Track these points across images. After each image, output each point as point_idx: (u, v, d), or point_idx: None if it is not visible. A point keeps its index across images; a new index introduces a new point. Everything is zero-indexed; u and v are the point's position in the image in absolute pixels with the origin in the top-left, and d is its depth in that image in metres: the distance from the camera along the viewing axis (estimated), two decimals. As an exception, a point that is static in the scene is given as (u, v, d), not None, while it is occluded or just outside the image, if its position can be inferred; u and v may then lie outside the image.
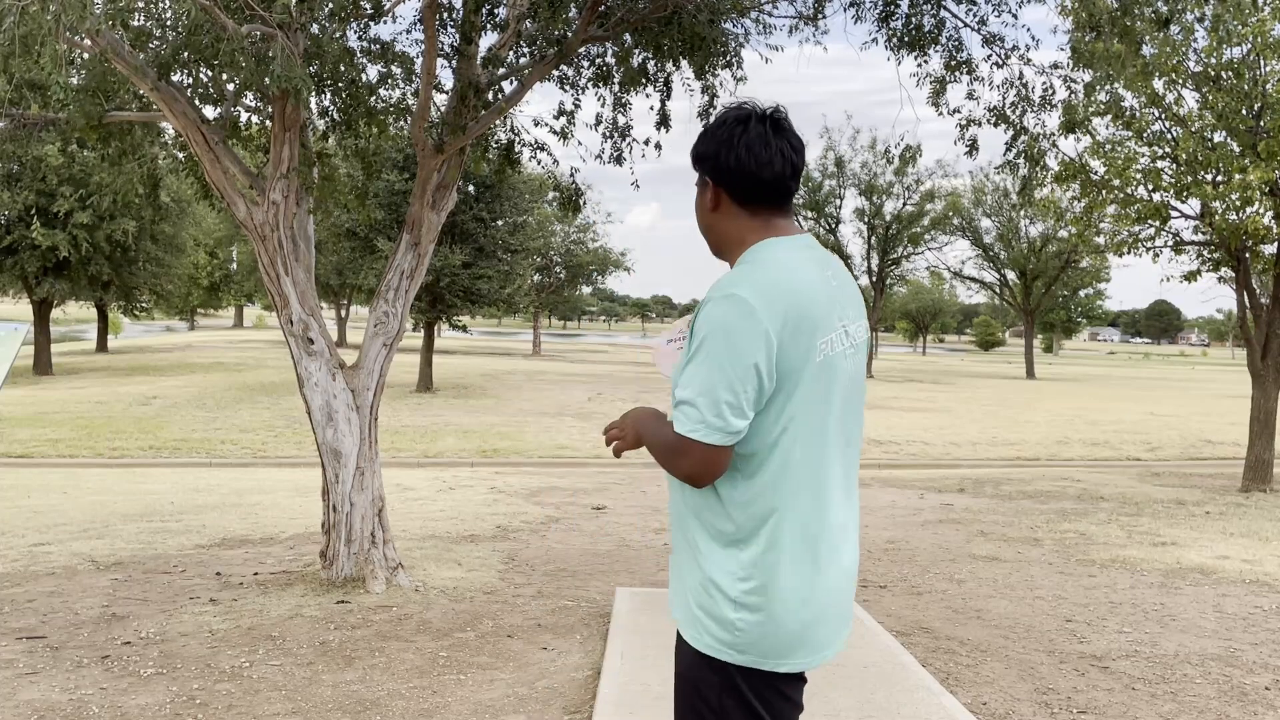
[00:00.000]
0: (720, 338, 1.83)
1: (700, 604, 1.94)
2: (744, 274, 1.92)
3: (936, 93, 6.51)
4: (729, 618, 1.90)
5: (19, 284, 27.06)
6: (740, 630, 1.89)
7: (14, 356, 5.13)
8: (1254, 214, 10.81)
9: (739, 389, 1.83)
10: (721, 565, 1.91)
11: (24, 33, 3.82)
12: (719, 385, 1.83)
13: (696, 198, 2.07)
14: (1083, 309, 63.44)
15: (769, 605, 1.90)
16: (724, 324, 1.84)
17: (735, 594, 1.90)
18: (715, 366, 1.83)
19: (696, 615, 1.95)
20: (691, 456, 1.86)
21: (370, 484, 5.84)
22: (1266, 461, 11.82)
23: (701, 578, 1.94)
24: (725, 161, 1.97)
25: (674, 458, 1.90)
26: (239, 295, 59.36)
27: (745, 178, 1.97)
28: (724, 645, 1.91)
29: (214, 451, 15.06)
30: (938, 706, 3.94)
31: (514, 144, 6.58)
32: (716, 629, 1.91)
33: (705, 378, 1.84)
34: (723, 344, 1.83)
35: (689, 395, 1.85)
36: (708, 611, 1.92)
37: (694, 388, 1.85)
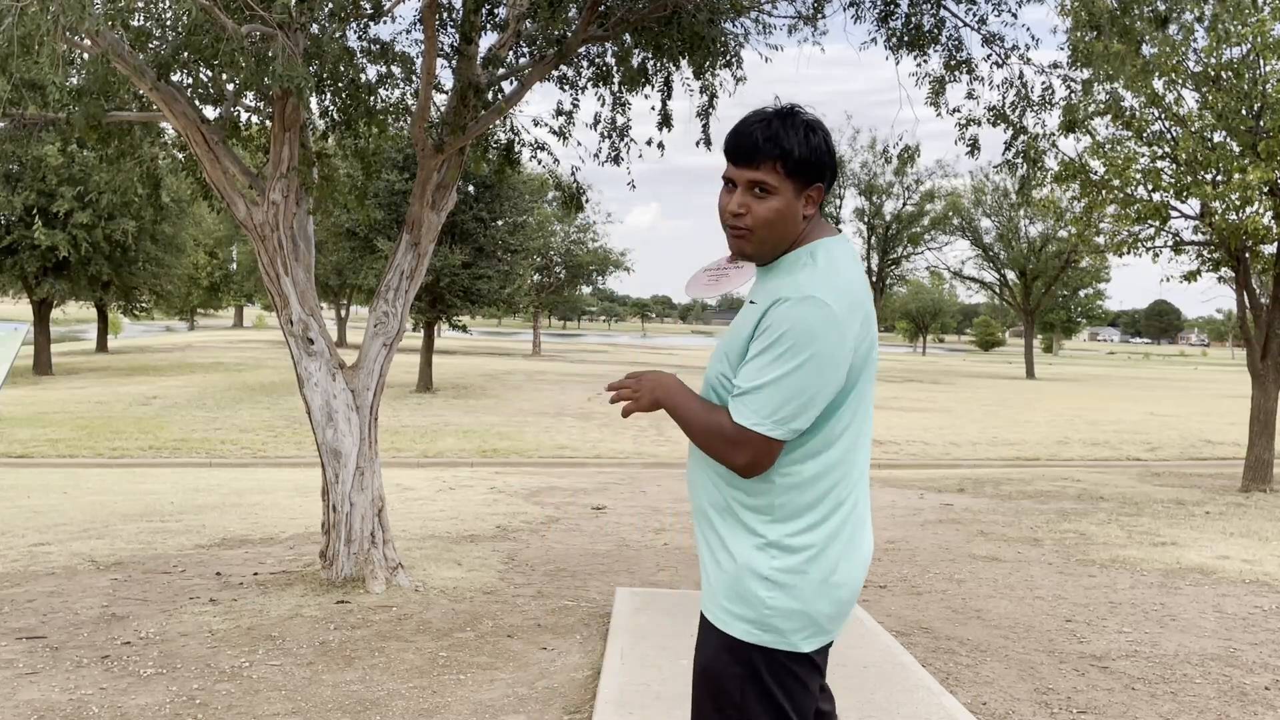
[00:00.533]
0: (802, 340, 1.88)
1: (736, 589, 1.97)
2: (819, 276, 1.95)
3: (936, 92, 6.51)
4: (764, 596, 1.95)
5: (19, 284, 27.07)
6: (772, 610, 1.94)
7: (14, 356, 5.13)
8: (1254, 214, 10.81)
9: (814, 391, 1.89)
10: (758, 546, 1.97)
11: (23, 33, 3.82)
12: (793, 385, 1.88)
13: (784, 202, 1.99)
14: (1083, 309, 63.46)
15: (803, 585, 1.95)
16: (807, 327, 1.88)
17: (771, 573, 1.95)
18: (793, 367, 1.87)
19: (730, 601, 1.98)
20: (750, 449, 1.91)
21: (370, 484, 5.84)
22: (1266, 461, 11.82)
23: (737, 562, 1.98)
24: (833, 162, 2.03)
25: (726, 446, 1.93)
26: (239, 295, 59.38)
27: (833, 175, 2.05)
28: (759, 630, 1.95)
29: (214, 451, 15.06)
30: (938, 706, 3.94)
31: (514, 144, 6.58)
32: (754, 612, 1.95)
33: (779, 375, 1.88)
34: (804, 347, 1.87)
35: (756, 386, 1.90)
36: (743, 596, 1.96)
37: (763, 381, 1.89)
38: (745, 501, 1.98)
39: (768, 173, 1.98)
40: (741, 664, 1.97)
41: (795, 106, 2.03)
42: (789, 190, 1.99)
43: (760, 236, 2.02)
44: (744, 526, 1.99)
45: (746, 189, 2.01)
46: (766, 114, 2.01)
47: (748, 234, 2.02)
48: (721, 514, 2.02)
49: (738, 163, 2.01)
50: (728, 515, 2.01)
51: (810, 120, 2.01)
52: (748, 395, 1.90)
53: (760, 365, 1.90)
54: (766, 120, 1.99)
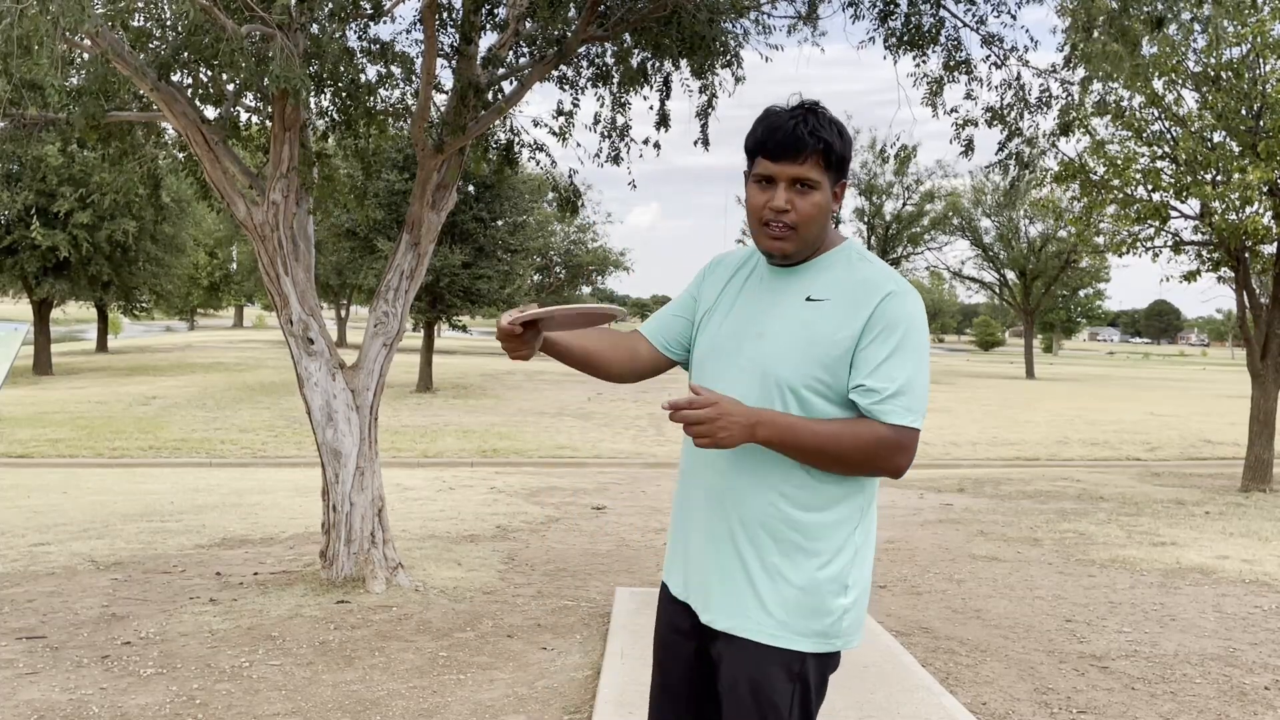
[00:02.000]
0: (922, 331, 1.94)
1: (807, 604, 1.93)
2: (894, 272, 2.00)
3: (933, 93, 6.50)
4: (843, 604, 1.94)
5: (19, 284, 27.06)
6: (848, 613, 1.95)
7: (14, 356, 5.13)
8: (1254, 214, 10.81)
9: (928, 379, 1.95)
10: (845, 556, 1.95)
11: (22, 33, 3.83)
12: (925, 375, 1.93)
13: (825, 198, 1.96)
14: (1082, 309, 63.40)
15: (866, 581, 2.01)
16: (920, 319, 1.95)
17: (850, 579, 1.95)
18: (922, 357, 1.93)
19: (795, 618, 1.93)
20: (914, 446, 1.92)
21: (370, 484, 5.84)
22: (1266, 461, 11.82)
23: (813, 576, 1.93)
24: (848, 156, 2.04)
25: (891, 453, 1.89)
26: (239, 295, 59.36)
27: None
28: (829, 638, 1.94)
29: (214, 451, 15.06)
30: (938, 706, 3.94)
31: (513, 144, 6.58)
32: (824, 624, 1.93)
33: (918, 370, 1.91)
34: (919, 337, 1.93)
35: (909, 385, 1.90)
36: (816, 610, 1.93)
37: (911, 378, 1.90)
38: (829, 515, 1.94)
39: (812, 167, 1.93)
40: (794, 679, 1.93)
41: (817, 103, 1.99)
42: (827, 186, 1.96)
43: (804, 235, 1.97)
44: (813, 539, 1.93)
45: (789, 185, 1.94)
46: (798, 109, 1.95)
47: (791, 233, 1.96)
48: (789, 529, 1.93)
49: (779, 158, 1.93)
50: (790, 531, 1.93)
51: (834, 117, 1.99)
52: (900, 395, 1.88)
53: (898, 363, 1.89)
54: (802, 115, 1.93)
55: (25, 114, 5.96)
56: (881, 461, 1.89)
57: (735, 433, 1.85)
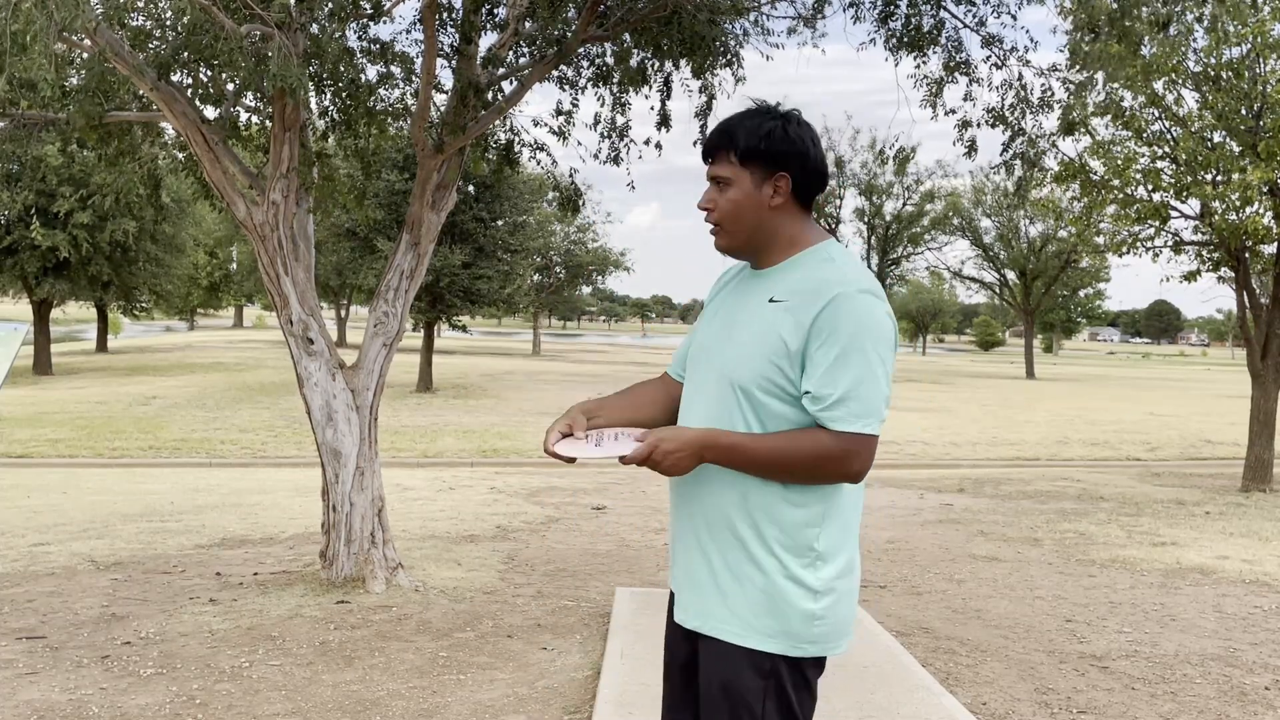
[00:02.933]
0: (875, 334, 1.87)
1: (769, 605, 1.92)
2: (859, 270, 1.96)
3: (933, 95, 6.50)
4: (810, 609, 1.91)
5: (19, 284, 27.06)
6: (819, 619, 1.92)
7: (14, 356, 5.13)
8: (1254, 214, 10.81)
9: (887, 381, 1.89)
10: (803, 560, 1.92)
11: (17, 30, 3.82)
12: (878, 378, 1.87)
13: (743, 192, 1.99)
14: (1082, 309, 63.42)
15: (844, 589, 1.96)
16: (874, 319, 1.88)
17: (816, 584, 1.92)
18: (876, 361, 1.87)
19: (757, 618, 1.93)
20: (867, 452, 1.88)
21: (370, 484, 5.84)
22: (1266, 461, 11.81)
23: (774, 578, 1.92)
24: (813, 159, 2.00)
25: (841, 460, 1.87)
26: (239, 295, 59.36)
27: (814, 174, 2.01)
28: (796, 641, 1.92)
29: (214, 451, 15.05)
30: (938, 706, 3.94)
31: (513, 144, 6.58)
32: (788, 626, 1.92)
33: (867, 373, 1.86)
34: (877, 340, 1.88)
35: (853, 391, 1.85)
36: (778, 611, 1.92)
37: (857, 383, 1.85)
38: (793, 515, 1.92)
39: (723, 165, 2.00)
40: (766, 677, 1.92)
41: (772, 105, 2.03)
42: (746, 180, 1.98)
43: (729, 230, 2.02)
44: (785, 540, 1.92)
45: (711, 184, 2.04)
46: (737, 112, 2.04)
47: (718, 229, 2.04)
48: (758, 529, 1.93)
49: (704, 161, 2.05)
50: (762, 529, 1.93)
51: (773, 110, 2.00)
52: (845, 402, 1.85)
53: (843, 368, 1.85)
54: (728, 117, 2.02)
55: (23, 113, 5.95)
56: (830, 470, 1.88)
57: (681, 461, 1.90)
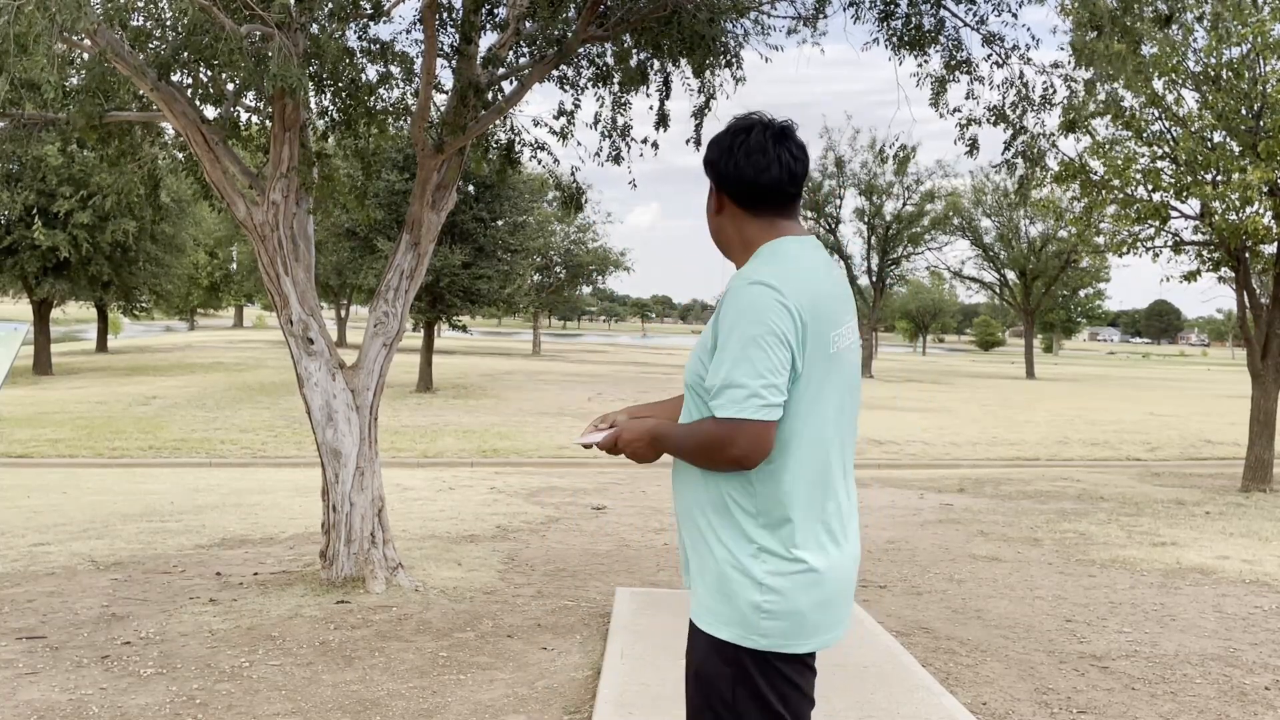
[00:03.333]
0: (752, 319, 1.91)
1: (722, 592, 1.98)
2: (763, 264, 2.02)
3: (937, 93, 6.50)
4: (755, 600, 1.95)
5: (19, 284, 27.06)
6: (765, 613, 1.95)
7: (14, 356, 5.13)
8: (1254, 214, 10.81)
9: (775, 366, 1.90)
10: (747, 550, 1.97)
11: (19, 31, 3.82)
12: (758, 363, 1.90)
13: (711, 208, 2.16)
14: (1082, 309, 63.42)
15: (792, 587, 1.96)
16: (754, 306, 1.92)
17: (761, 576, 1.95)
18: (751, 346, 1.90)
19: (716, 604, 1.99)
20: (744, 437, 1.90)
21: (370, 484, 5.84)
22: (1266, 461, 11.81)
23: (723, 567, 1.98)
24: (725, 167, 2.08)
25: (721, 446, 1.92)
26: (239, 295, 59.37)
27: (743, 183, 2.07)
28: (747, 631, 1.96)
29: (214, 451, 15.05)
30: (938, 706, 3.94)
31: (514, 144, 6.58)
32: (740, 614, 1.96)
33: (742, 358, 1.90)
34: (755, 326, 1.91)
35: (726, 377, 1.91)
36: (730, 599, 1.97)
37: (731, 370, 1.91)
38: (732, 510, 1.99)
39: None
40: (731, 665, 1.97)
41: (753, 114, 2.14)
42: (714, 198, 2.14)
43: (716, 243, 2.19)
44: (735, 529, 1.98)
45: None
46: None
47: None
48: (709, 518, 2.01)
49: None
50: (717, 518, 2.00)
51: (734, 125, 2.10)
52: (724, 389, 1.91)
53: (723, 356, 1.93)
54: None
55: (24, 113, 5.95)
56: (717, 455, 1.94)
57: (642, 449, 2.07)
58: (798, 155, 2.07)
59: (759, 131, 2.06)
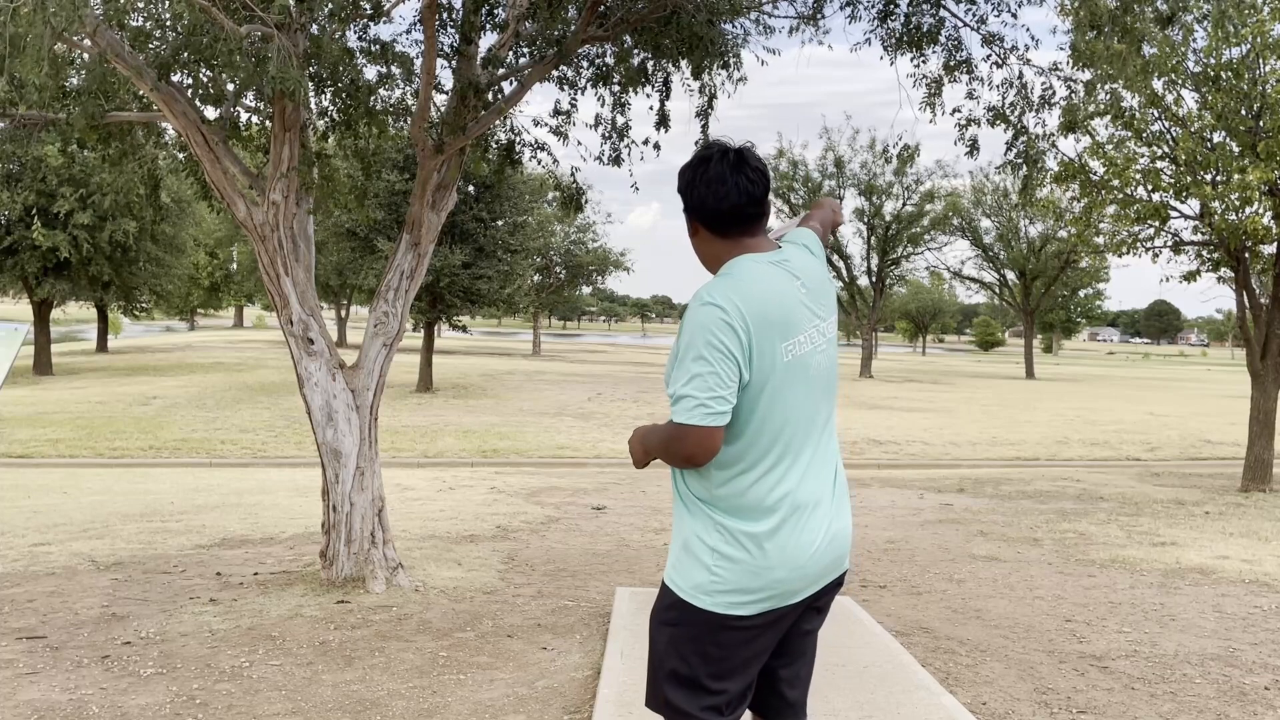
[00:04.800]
0: (700, 336, 2.15)
1: (683, 555, 2.28)
2: (717, 284, 2.23)
3: (931, 95, 6.50)
4: (707, 563, 2.23)
5: (19, 284, 27.04)
6: (715, 577, 2.22)
7: (14, 356, 5.14)
8: (1253, 214, 10.81)
9: (720, 379, 2.13)
10: (703, 525, 2.26)
11: (15, 33, 3.82)
12: (704, 375, 2.13)
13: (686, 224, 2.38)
14: (1082, 309, 63.44)
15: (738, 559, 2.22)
16: (702, 324, 2.16)
17: (715, 545, 2.23)
18: (698, 361, 2.14)
19: (675, 565, 2.30)
20: (689, 440, 2.16)
21: (370, 484, 5.84)
22: (1266, 461, 11.81)
23: (685, 535, 2.29)
24: (691, 198, 2.31)
25: (673, 444, 2.19)
26: (239, 295, 59.38)
27: (706, 210, 2.29)
28: (695, 589, 2.24)
29: (214, 451, 15.06)
30: (937, 706, 3.94)
31: (514, 144, 6.58)
32: (694, 576, 2.24)
33: (691, 371, 2.14)
34: (702, 342, 2.14)
35: (679, 389, 2.17)
36: (689, 561, 2.26)
37: (682, 382, 2.16)
38: (697, 492, 2.28)
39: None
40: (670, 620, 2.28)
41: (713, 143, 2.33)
42: (689, 223, 2.36)
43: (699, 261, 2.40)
44: (699, 510, 2.28)
45: None
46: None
47: None
48: (684, 499, 2.32)
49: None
50: (688, 501, 2.31)
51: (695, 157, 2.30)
52: (677, 397, 2.16)
53: (678, 369, 2.18)
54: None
55: (23, 114, 5.95)
56: (672, 453, 2.22)
57: (635, 451, 2.39)
58: (754, 179, 2.25)
59: (717, 161, 2.26)
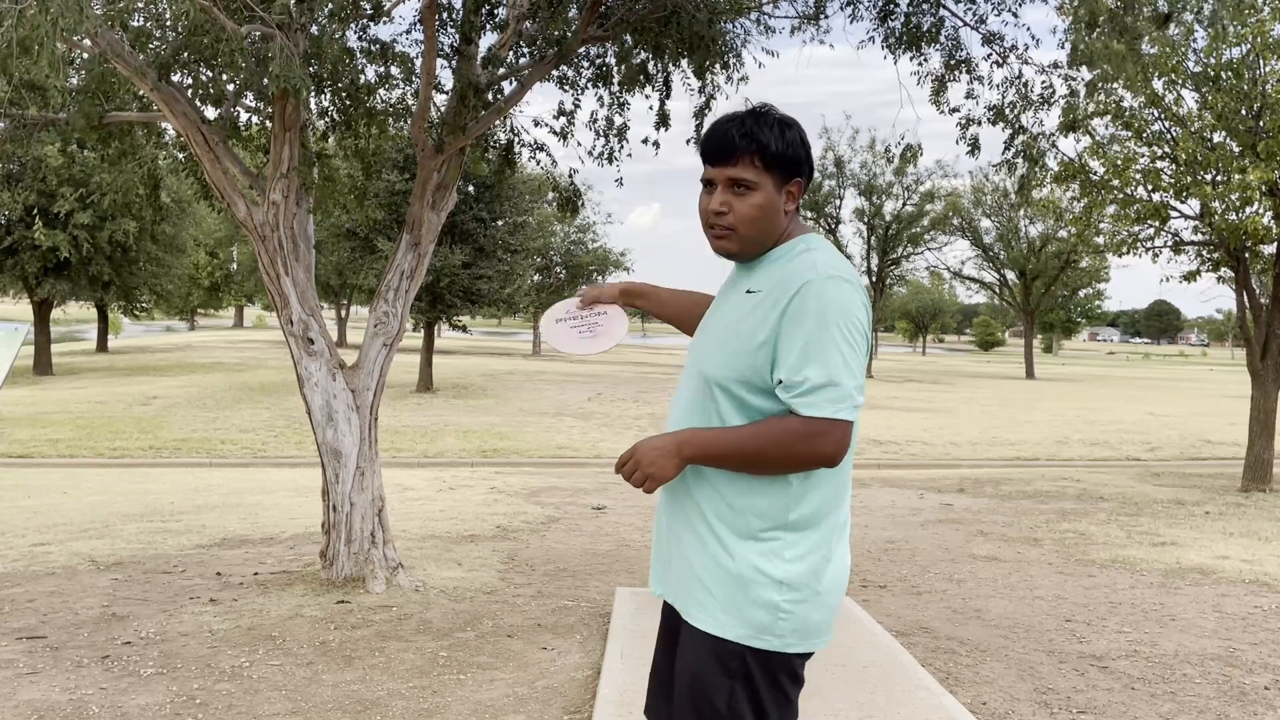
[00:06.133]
0: (844, 317, 1.87)
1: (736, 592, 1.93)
2: (833, 258, 1.96)
3: (937, 90, 6.50)
4: (774, 600, 1.91)
5: (19, 284, 27.04)
6: (785, 613, 1.91)
7: (14, 356, 5.13)
8: (1253, 214, 10.81)
9: (860, 368, 1.88)
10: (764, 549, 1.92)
11: (23, 35, 3.83)
12: (853, 363, 1.87)
13: (766, 197, 1.98)
14: (1082, 309, 63.44)
15: (818, 586, 1.94)
16: (844, 304, 1.88)
17: (785, 576, 1.91)
18: (845, 345, 1.87)
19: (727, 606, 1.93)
20: (834, 436, 1.86)
21: (370, 484, 5.84)
22: (1266, 461, 11.82)
23: (739, 566, 1.93)
24: (811, 161, 2.05)
25: (809, 443, 1.86)
26: (239, 295, 59.36)
27: (811, 171, 2.05)
28: (757, 629, 1.91)
29: (214, 451, 15.06)
30: (938, 706, 3.94)
31: (514, 144, 6.58)
32: (754, 614, 1.91)
33: (837, 357, 1.85)
34: (847, 324, 1.87)
35: (826, 376, 1.85)
36: (746, 597, 1.92)
37: (828, 368, 1.85)
38: (757, 507, 1.94)
39: (746, 168, 1.96)
40: (733, 672, 1.93)
41: (767, 106, 2.03)
42: (769, 185, 1.97)
43: (744, 235, 2.00)
44: (752, 531, 1.94)
45: (727, 187, 1.99)
46: (739, 113, 2.00)
47: (730, 233, 2.00)
48: (723, 519, 1.96)
49: (715, 162, 1.99)
50: (733, 520, 1.95)
51: (783, 117, 2.00)
52: (817, 389, 1.85)
53: (812, 354, 1.85)
54: (740, 119, 1.98)
55: (25, 114, 5.95)
56: (801, 454, 1.88)
57: (664, 464, 1.95)
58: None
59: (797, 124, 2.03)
